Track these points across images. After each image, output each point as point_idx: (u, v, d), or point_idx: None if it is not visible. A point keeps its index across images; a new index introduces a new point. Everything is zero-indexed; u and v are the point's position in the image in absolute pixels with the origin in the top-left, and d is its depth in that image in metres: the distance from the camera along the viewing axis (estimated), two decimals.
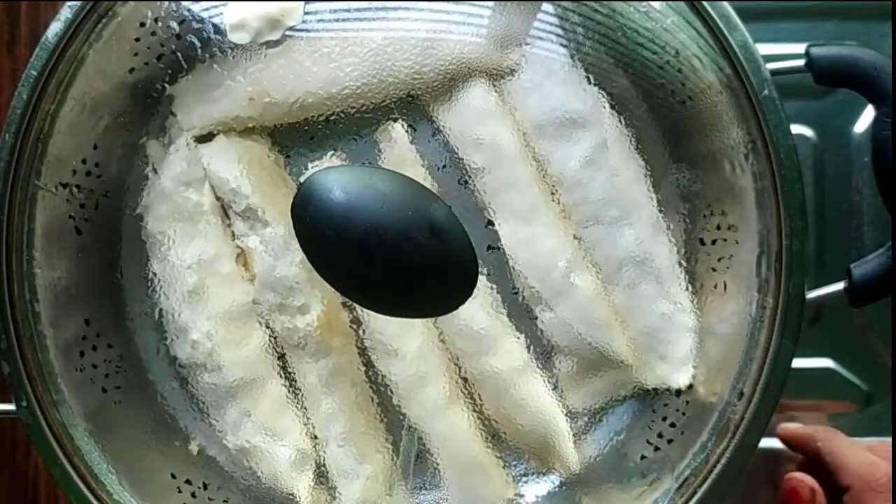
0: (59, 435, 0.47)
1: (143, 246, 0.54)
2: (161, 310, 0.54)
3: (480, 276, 0.50)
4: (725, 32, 0.48)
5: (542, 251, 0.54)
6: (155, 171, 0.54)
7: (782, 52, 0.57)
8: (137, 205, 0.55)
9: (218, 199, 0.54)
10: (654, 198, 0.55)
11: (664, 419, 0.55)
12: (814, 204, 0.62)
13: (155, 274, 0.54)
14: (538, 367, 0.55)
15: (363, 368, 0.54)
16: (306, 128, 0.54)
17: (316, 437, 0.55)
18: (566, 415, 0.55)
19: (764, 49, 0.49)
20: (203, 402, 0.55)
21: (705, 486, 0.49)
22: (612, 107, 0.54)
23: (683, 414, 0.54)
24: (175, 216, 0.54)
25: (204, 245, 0.53)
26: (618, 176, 0.54)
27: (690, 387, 0.54)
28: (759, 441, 0.49)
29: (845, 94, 0.55)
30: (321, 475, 0.55)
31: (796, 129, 0.48)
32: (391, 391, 0.53)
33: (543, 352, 0.55)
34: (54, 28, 0.47)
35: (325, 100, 0.53)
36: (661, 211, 0.55)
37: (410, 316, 0.50)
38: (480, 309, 0.53)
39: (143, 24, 0.51)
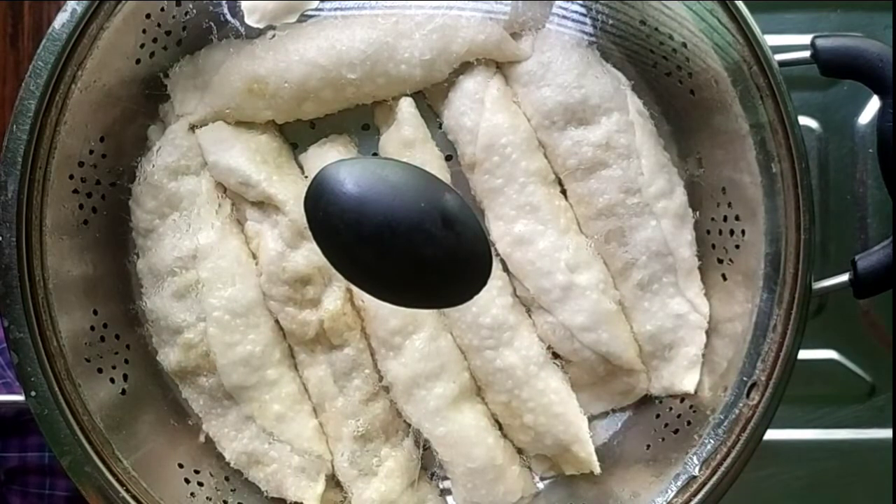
0: (69, 424, 0.48)
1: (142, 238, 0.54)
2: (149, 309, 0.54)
3: (495, 267, 0.50)
4: (748, 20, 0.48)
5: (539, 251, 0.52)
6: (147, 159, 0.53)
7: (787, 44, 0.57)
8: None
9: (218, 187, 0.53)
10: (682, 185, 0.54)
11: (670, 410, 0.55)
12: (818, 195, 0.61)
13: (146, 269, 0.54)
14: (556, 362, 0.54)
15: (375, 363, 0.54)
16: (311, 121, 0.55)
17: (327, 438, 0.54)
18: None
19: (769, 40, 0.49)
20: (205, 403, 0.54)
21: (715, 477, 0.50)
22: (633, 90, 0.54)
23: (691, 408, 0.54)
24: (168, 205, 0.53)
25: (202, 235, 0.52)
26: (643, 160, 0.52)
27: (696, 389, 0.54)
28: (765, 431, 0.49)
29: (850, 86, 0.55)
30: (332, 477, 0.54)
31: (800, 120, 0.48)
32: (398, 388, 0.53)
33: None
34: (61, 19, 0.47)
35: (330, 85, 0.51)
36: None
37: (424, 307, 0.50)
38: (495, 299, 0.52)
39: (149, 16, 0.51)
